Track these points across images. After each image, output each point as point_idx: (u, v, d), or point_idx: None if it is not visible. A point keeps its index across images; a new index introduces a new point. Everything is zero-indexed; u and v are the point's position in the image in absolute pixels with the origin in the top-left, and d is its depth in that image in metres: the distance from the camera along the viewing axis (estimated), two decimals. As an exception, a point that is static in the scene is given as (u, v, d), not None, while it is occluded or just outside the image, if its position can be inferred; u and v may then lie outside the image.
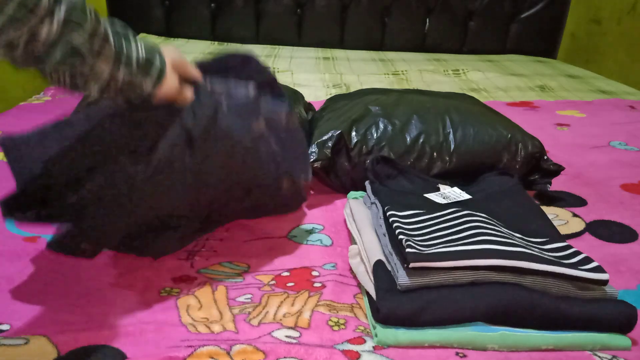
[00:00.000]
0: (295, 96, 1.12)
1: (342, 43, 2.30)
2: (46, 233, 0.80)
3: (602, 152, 1.25)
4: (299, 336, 0.61)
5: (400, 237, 0.66)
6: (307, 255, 0.79)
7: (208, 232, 0.81)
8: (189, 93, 0.68)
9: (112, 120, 0.66)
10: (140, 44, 0.61)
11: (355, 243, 0.77)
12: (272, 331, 0.61)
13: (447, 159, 0.96)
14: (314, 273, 0.74)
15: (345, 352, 0.58)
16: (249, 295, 0.69)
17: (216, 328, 0.62)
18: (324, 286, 0.71)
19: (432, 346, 0.60)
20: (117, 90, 0.59)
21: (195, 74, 0.71)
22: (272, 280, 0.72)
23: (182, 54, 0.69)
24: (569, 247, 0.70)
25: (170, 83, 0.64)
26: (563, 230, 0.87)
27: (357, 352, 0.58)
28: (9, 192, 0.63)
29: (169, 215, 0.72)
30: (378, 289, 0.64)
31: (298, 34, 2.29)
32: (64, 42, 0.53)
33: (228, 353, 0.57)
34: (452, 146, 0.96)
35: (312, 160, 0.93)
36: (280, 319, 0.64)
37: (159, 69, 0.62)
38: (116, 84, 0.59)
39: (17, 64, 0.54)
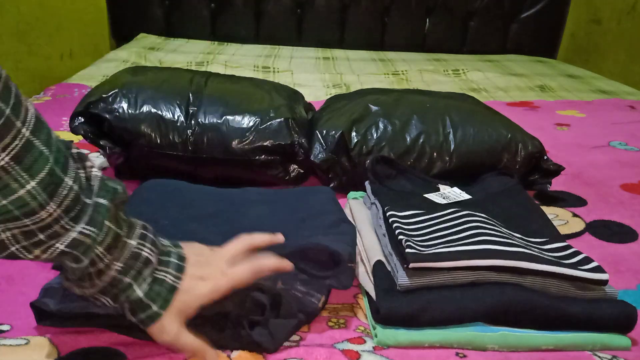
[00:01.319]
0: (295, 96, 1.12)
1: (342, 43, 2.30)
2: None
3: (602, 152, 1.25)
4: (299, 339, 0.61)
5: (400, 237, 0.66)
6: (307, 255, 0.78)
7: None
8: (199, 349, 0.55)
9: None
10: (150, 284, 0.51)
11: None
12: (272, 331, 0.61)
13: (447, 159, 0.96)
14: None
15: (345, 352, 0.58)
16: (249, 296, 0.68)
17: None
18: (324, 286, 0.71)
19: (432, 346, 0.60)
20: (96, 303, 0.53)
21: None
22: (272, 280, 0.72)
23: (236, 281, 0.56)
24: (568, 247, 0.70)
25: (164, 331, 0.53)
26: (563, 230, 0.87)
27: (357, 352, 0.58)
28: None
29: None
30: (378, 289, 0.64)
31: (298, 34, 2.29)
32: (55, 260, 0.48)
33: (228, 355, 0.57)
34: (452, 146, 0.96)
35: (317, 160, 0.93)
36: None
37: (150, 315, 0.52)
38: (96, 301, 0.53)
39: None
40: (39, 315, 0.59)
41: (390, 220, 0.72)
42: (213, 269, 0.55)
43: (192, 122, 0.94)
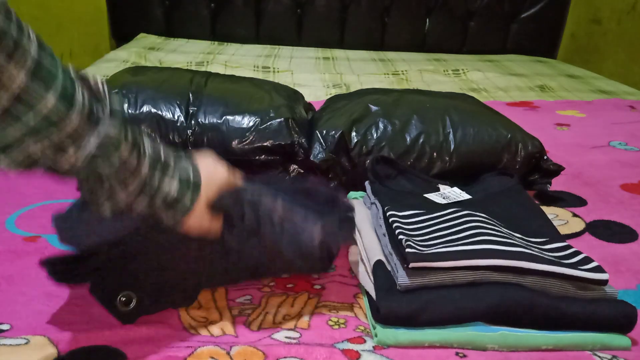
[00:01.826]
0: (295, 96, 1.12)
1: (342, 43, 2.30)
2: (46, 233, 0.80)
3: (602, 152, 1.25)
4: (299, 337, 0.61)
5: (400, 237, 0.66)
6: (307, 255, 0.78)
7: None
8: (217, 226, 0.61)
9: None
10: (176, 176, 0.55)
11: (355, 243, 0.77)
12: (272, 334, 0.61)
13: (447, 159, 0.96)
14: (314, 275, 0.74)
15: (345, 352, 0.58)
16: (249, 297, 0.68)
17: (216, 331, 0.62)
18: (323, 288, 0.71)
19: (432, 346, 0.60)
20: (130, 214, 0.55)
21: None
22: (271, 281, 0.72)
23: (226, 177, 0.62)
24: (569, 247, 0.70)
25: (194, 221, 0.58)
26: (563, 230, 0.87)
27: (357, 351, 0.58)
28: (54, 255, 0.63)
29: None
30: (378, 289, 0.64)
31: (298, 34, 2.29)
32: (87, 170, 0.49)
33: (228, 353, 0.57)
34: (452, 146, 0.96)
35: (317, 160, 0.93)
36: (280, 322, 0.64)
37: (186, 208, 0.56)
38: (131, 212, 0.54)
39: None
40: (52, 269, 0.63)
41: (391, 220, 0.72)
42: (217, 164, 0.62)
43: (192, 122, 0.94)
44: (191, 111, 0.95)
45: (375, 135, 0.96)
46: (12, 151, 0.46)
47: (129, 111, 0.92)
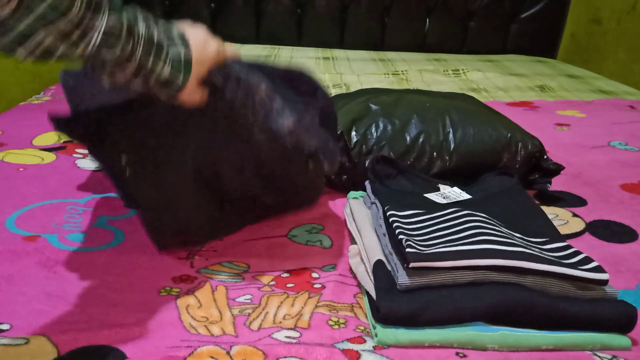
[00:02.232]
0: (295, 96, 1.12)
1: (342, 43, 2.30)
2: (46, 232, 0.80)
3: (602, 152, 1.25)
4: (299, 336, 0.61)
5: (400, 237, 0.66)
6: (307, 255, 0.79)
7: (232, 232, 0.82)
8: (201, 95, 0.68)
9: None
10: (169, 60, 0.60)
11: (355, 243, 0.77)
12: (272, 333, 0.61)
13: (447, 158, 0.96)
14: (314, 275, 0.74)
15: (345, 352, 0.58)
16: (249, 296, 0.69)
17: (216, 331, 0.62)
18: (323, 287, 0.71)
19: (432, 346, 0.60)
20: (128, 88, 0.62)
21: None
22: (272, 280, 0.72)
23: (217, 52, 0.68)
24: (569, 247, 0.70)
25: (186, 97, 0.65)
26: (563, 230, 0.87)
27: (357, 351, 0.58)
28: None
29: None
30: (378, 289, 0.64)
31: (298, 34, 2.29)
32: (95, 58, 0.55)
33: (228, 353, 0.57)
34: (452, 146, 0.96)
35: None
36: (280, 322, 0.64)
37: (179, 86, 0.63)
38: (129, 86, 0.61)
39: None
40: (57, 123, 0.66)
41: (391, 219, 0.72)
42: (208, 37, 0.67)
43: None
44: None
45: (375, 134, 0.96)
46: (28, 42, 0.50)
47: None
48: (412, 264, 0.62)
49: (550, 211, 0.94)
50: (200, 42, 0.65)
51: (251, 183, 0.78)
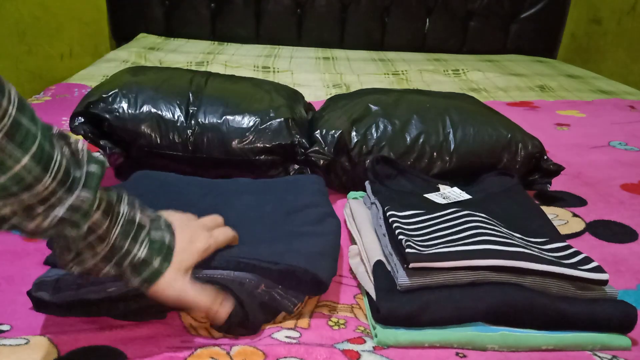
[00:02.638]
0: (295, 96, 1.12)
1: (342, 43, 2.30)
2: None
3: (602, 152, 1.25)
4: (299, 336, 0.61)
5: (400, 237, 0.66)
6: (307, 255, 0.78)
7: None
8: (221, 310, 0.59)
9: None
10: (148, 242, 0.54)
11: (355, 243, 0.77)
12: (272, 333, 0.61)
13: (447, 158, 0.96)
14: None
15: (345, 352, 0.58)
16: (249, 296, 0.68)
17: (216, 333, 0.62)
18: (324, 286, 0.71)
19: (432, 346, 0.60)
20: (97, 276, 0.55)
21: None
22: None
23: (212, 243, 0.61)
24: (568, 247, 0.70)
25: (166, 287, 0.55)
26: (563, 230, 0.87)
27: (357, 352, 0.58)
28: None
29: None
30: (378, 289, 0.64)
31: (298, 34, 2.29)
32: (54, 232, 0.49)
33: (228, 353, 0.57)
34: (452, 146, 0.96)
35: (315, 160, 0.93)
36: (280, 321, 0.64)
37: (153, 271, 0.54)
38: (98, 273, 0.54)
39: None
40: (37, 304, 0.61)
41: (391, 220, 0.72)
42: (198, 231, 0.60)
43: (192, 122, 0.94)
44: (191, 111, 0.95)
45: (375, 135, 0.96)
46: None
47: (129, 111, 0.92)
48: (412, 265, 0.62)
49: (550, 211, 0.94)
50: (189, 232, 0.59)
51: None
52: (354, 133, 0.96)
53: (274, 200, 0.78)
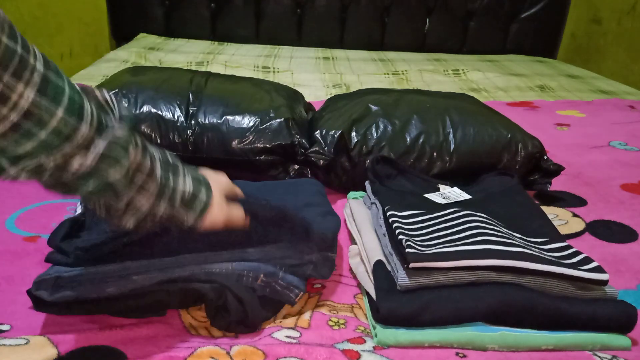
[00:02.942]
0: (295, 96, 1.12)
1: (342, 43, 2.30)
2: (46, 233, 0.80)
3: (602, 152, 1.25)
4: (299, 336, 0.61)
5: (400, 237, 0.66)
6: (307, 255, 0.78)
7: None
8: (243, 219, 0.64)
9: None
10: (188, 176, 0.58)
11: (355, 243, 0.77)
12: (272, 332, 0.61)
13: (447, 159, 0.96)
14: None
15: (345, 352, 0.58)
16: (249, 296, 0.68)
17: (216, 332, 0.62)
18: (323, 287, 0.71)
19: (432, 346, 0.60)
20: (154, 222, 0.56)
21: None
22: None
23: (230, 183, 0.66)
24: (569, 247, 0.70)
25: (216, 213, 0.60)
26: (563, 230, 0.87)
27: (357, 352, 0.58)
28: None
29: None
30: (378, 289, 0.64)
31: (298, 34, 2.29)
32: (97, 176, 0.49)
33: (228, 353, 0.57)
34: (452, 146, 0.96)
35: (315, 160, 0.93)
36: (280, 321, 0.64)
37: (204, 203, 0.59)
38: (154, 217, 0.55)
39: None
40: (36, 303, 0.61)
41: (391, 220, 0.72)
42: (217, 174, 0.65)
43: (192, 122, 0.94)
44: (191, 111, 0.95)
45: (375, 135, 0.96)
46: (24, 162, 0.46)
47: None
48: (412, 264, 0.62)
49: (550, 211, 0.94)
50: (211, 173, 0.64)
51: None
52: (354, 133, 0.96)
53: (274, 200, 0.78)
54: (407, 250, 0.63)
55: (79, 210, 0.75)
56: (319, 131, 0.96)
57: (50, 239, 0.66)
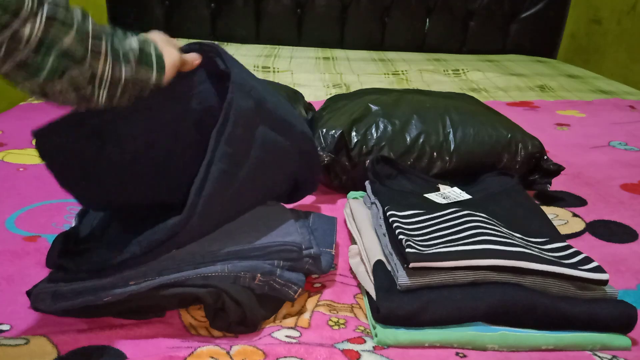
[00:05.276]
0: (295, 96, 1.12)
1: (342, 43, 2.30)
2: (46, 233, 0.80)
3: (602, 152, 1.25)
4: (299, 336, 0.61)
5: (400, 237, 0.66)
6: (307, 255, 0.78)
7: None
8: (195, 57, 0.67)
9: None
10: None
11: (355, 243, 0.77)
12: (272, 332, 0.61)
13: (447, 158, 0.96)
14: (314, 274, 0.74)
15: (345, 352, 0.58)
16: (249, 295, 0.68)
17: (216, 333, 0.62)
18: (323, 286, 0.71)
19: (432, 346, 0.60)
20: (124, 91, 0.57)
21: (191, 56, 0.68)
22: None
23: (167, 38, 0.66)
24: (569, 247, 0.70)
25: (171, 57, 0.62)
26: (563, 230, 0.87)
27: (357, 351, 0.58)
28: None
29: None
30: (378, 289, 0.64)
31: (298, 34, 2.29)
32: (53, 47, 0.51)
33: (228, 353, 0.57)
34: (452, 146, 0.96)
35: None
36: (280, 321, 0.64)
37: (157, 55, 0.60)
38: (120, 84, 0.57)
39: (11, 80, 0.51)
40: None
41: (391, 220, 0.72)
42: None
43: (192, 122, 0.93)
44: (191, 111, 0.95)
45: (375, 135, 0.96)
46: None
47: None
48: (412, 264, 0.62)
49: (550, 211, 0.94)
50: (156, 37, 0.64)
51: None
52: (354, 133, 0.96)
53: None
54: (407, 250, 0.63)
55: (73, 224, 0.75)
56: (319, 131, 0.96)
57: (47, 259, 0.66)
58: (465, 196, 0.87)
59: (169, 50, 0.62)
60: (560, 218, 0.93)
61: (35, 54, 0.50)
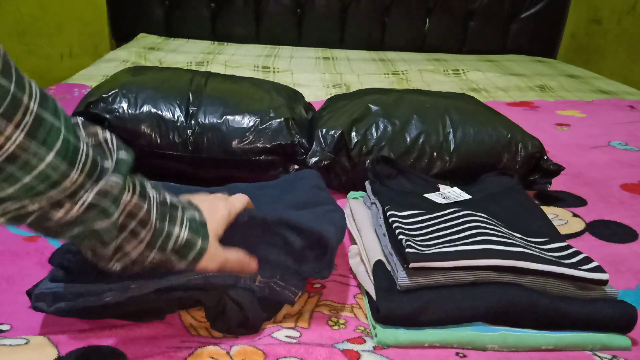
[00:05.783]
0: (295, 96, 1.12)
1: (342, 43, 2.30)
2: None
3: (602, 152, 1.25)
4: (299, 336, 0.61)
5: (400, 237, 0.66)
6: (307, 255, 0.78)
7: None
8: (252, 264, 0.62)
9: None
10: (186, 221, 0.55)
11: (355, 243, 0.77)
12: (272, 332, 0.61)
13: (447, 158, 0.96)
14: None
15: (345, 352, 0.58)
16: (249, 295, 0.68)
17: (216, 333, 0.62)
18: (323, 287, 0.71)
19: (432, 346, 0.60)
20: (143, 267, 0.54)
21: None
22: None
23: (231, 210, 0.62)
24: (569, 247, 0.70)
25: (210, 261, 0.58)
26: (563, 230, 0.87)
27: (357, 352, 0.58)
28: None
29: None
30: (378, 289, 0.64)
31: (298, 34, 2.29)
32: (83, 225, 0.47)
33: (228, 353, 0.57)
34: (452, 146, 0.96)
35: (315, 160, 0.93)
36: (280, 321, 0.64)
37: (198, 250, 0.56)
38: (143, 263, 0.53)
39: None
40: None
41: (391, 220, 0.72)
42: (215, 201, 0.62)
43: (192, 122, 0.94)
44: (191, 111, 0.95)
45: (375, 135, 0.96)
46: (5, 205, 0.43)
47: (129, 111, 0.93)
48: (412, 264, 0.62)
49: (550, 211, 0.94)
50: (207, 204, 0.60)
51: None
52: (354, 133, 0.96)
53: (274, 200, 0.78)
54: (407, 250, 0.63)
55: None
56: (319, 131, 0.96)
57: (52, 257, 0.65)
58: (465, 196, 0.87)
59: (215, 254, 0.57)
60: (560, 218, 0.93)
61: (62, 227, 0.46)
